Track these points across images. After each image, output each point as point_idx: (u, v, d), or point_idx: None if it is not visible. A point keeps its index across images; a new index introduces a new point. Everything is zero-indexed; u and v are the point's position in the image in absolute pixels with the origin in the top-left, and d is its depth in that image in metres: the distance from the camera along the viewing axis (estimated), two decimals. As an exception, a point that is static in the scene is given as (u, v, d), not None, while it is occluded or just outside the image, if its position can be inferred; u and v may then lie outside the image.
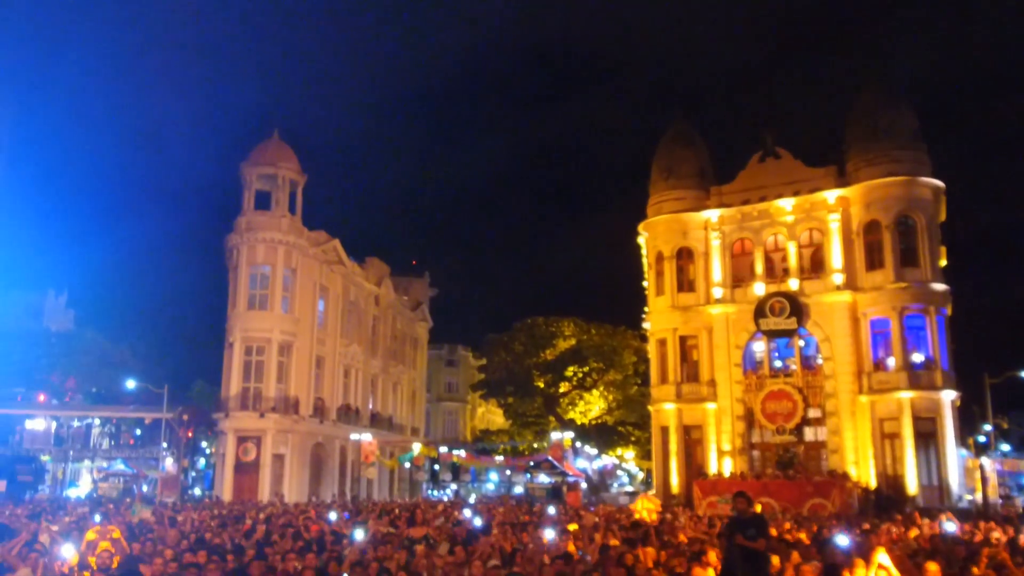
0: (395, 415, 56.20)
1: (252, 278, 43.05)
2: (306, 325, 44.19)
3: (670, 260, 43.44)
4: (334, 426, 46.09)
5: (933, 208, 39.47)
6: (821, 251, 40.79)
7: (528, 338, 61.44)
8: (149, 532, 15.15)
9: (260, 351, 42.44)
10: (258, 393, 41.75)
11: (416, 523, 15.06)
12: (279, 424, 41.73)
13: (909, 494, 35.82)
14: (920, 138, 40.13)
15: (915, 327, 37.99)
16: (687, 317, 42.58)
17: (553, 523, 18.75)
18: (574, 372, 60.07)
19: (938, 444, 36.63)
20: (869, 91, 41.19)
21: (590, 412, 62.08)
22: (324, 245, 46.20)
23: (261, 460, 41.22)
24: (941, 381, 37.07)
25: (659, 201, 44.51)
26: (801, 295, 39.85)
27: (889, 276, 38.29)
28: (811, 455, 39.35)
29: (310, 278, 44.96)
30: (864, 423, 38.03)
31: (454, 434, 74.96)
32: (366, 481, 48.50)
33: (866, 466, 37.55)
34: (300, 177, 45.00)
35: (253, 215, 43.63)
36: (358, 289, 50.95)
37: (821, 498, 33.32)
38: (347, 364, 49.06)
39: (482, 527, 16.24)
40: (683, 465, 41.57)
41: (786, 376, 40.21)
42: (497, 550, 12.12)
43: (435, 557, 11.55)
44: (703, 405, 41.57)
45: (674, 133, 45.67)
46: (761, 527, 9.61)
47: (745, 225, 42.22)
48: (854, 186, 39.78)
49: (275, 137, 45.54)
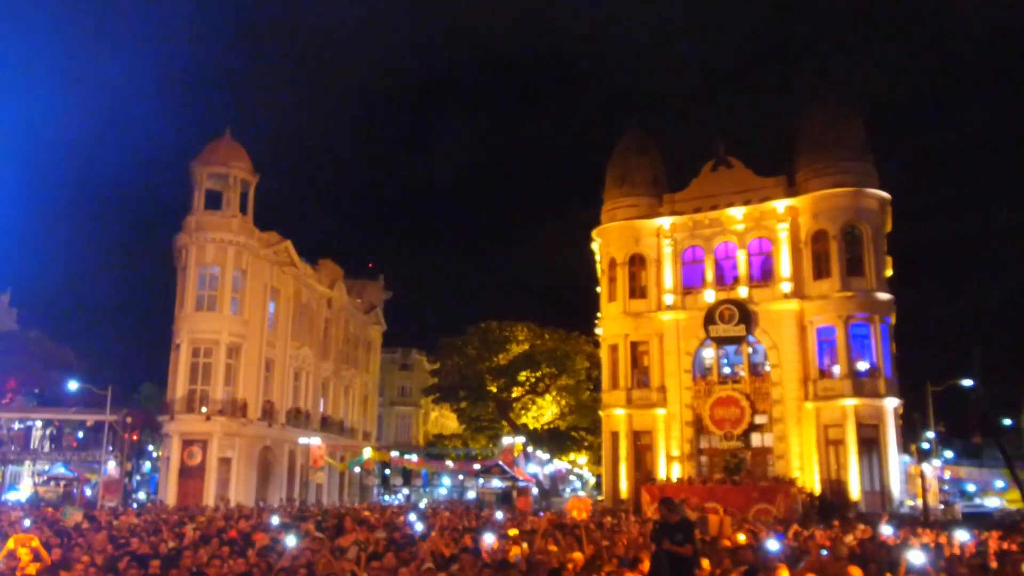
0: (346, 419, 55.66)
1: (201, 279, 42.30)
2: (256, 327, 43.56)
3: (623, 266, 43.74)
4: (283, 430, 45.48)
5: (879, 219, 40.28)
6: (770, 260, 41.39)
7: (482, 342, 61.31)
8: (80, 537, 14.75)
9: (208, 353, 41.72)
10: (205, 396, 41.01)
11: (345, 530, 14.85)
12: (226, 427, 41.06)
13: (852, 499, 36.48)
14: (868, 150, 40.94)
15: (860, 335, 38.73)
16: (639, 323, 42.89)
17: (496, 528, 18.69)
18: (527, 377, 60.09)
19: (881, 451, 37.36)
20: (819, 104, 41.91)
21: (543, 417, 62.16)
22: (276, 246, 45.60)
23: (207, 464, 40.50)
24: (884, 389, 37.83)
25: (613, 208, 44.82)
26: (750, 303, 40.38)
27: (836, 285, 38.97)
28: (758, 461, 39.84)
29: (261, 279, 44.33)
30: (809, 429, 38.62)
31: (407, 438, 74.45)
32: (315, 486, 47.93)
33: (811, 472, 38.14)
34: (252, 177, 44.34)
35: (203, 215, 42.88)
36: (310, 291, 50.40)
37: (766, 503, 33.73)
38: (298, 367, 48.47)
39: (421, 532, 16.10)
40: (632, 470, 41.86)
41: (734, 383, 40.70)
42: (429, 554, 11.99)
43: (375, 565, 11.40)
44: (653, 411, 41.88)
45: (629, 141, 46.03)
46: (688, 532, 9.68)
47: (697, 233, 42.68)
48: (803, 196, 40.43)
49: (227, 136, 44.81)
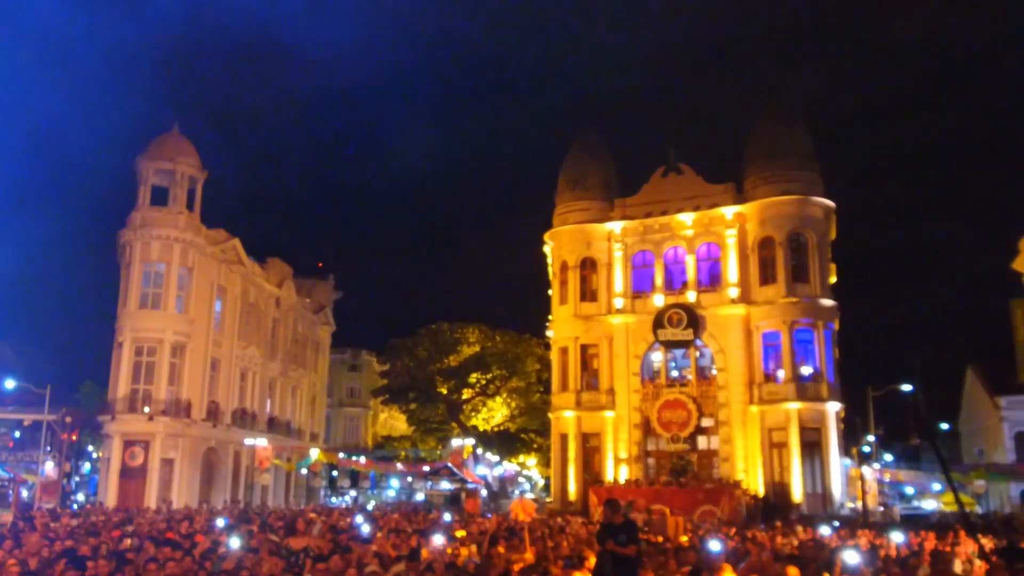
0: (294, 420, 55.01)
1: (145, 276, 41.45)
2: (201, 326, 42.83)
3: (574, 270, 44.00)
4: (228, 430, 44.77)
5: (824, 227, 41.15)
6: (718, 265, 42.02)
7: (432, 344, 61.11)
8: (11, 539, 14.32)
9: (151, 352, 40.92)
10: (148, 395, 40.22)
11: (297, 532, 14.67)
12: (169, 428, 40.30)
13: (794, 501, 37.18)
14: (814, 159, 41.80)
15: (804, 340, 39.51)
16: (589, 326, 43.17)
17: (444, 530, 18.65)
18: (477, 379, 60.09)
19: (822, 454, 38.14)
20: (768, 113, 42.69)
21: (493, 419, 62.21)
22: (223, 244, 44.88)
23: (149, 465, 39.72)
24: (827, 393, 38.63)
25: (565, 211, 45.07)
26: (698, 307, 40.93)
27: (781, 291, 39.71)
28: (704, 463, 40.39)
29: (207, 277, 43.60)
30: (754, 432, 39.28)
31: (355, 440, 73.80)
32: (260, 488, 47.28)
33: (755, 474, 38.78)
34: (200, 173, 43.60)
35: (148, 211, 42.04)
36: (258, 290, 49.71)
37: (711, 505, 34.16)
38: (244, 367, 47.76)
39: (367, 535, 16.02)
40: (581, 472, 42.09)
41: (682, 386, 41.22)
42: (374, 556, 11.93)
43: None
44: (602, 413, 42.19)
45: (582, 145, 46.32)
46: (632, 533, 9.79)
47: (647, 238, 43.15)
48: (751, 203, 41.14)
49: (175, 131, 44.00)
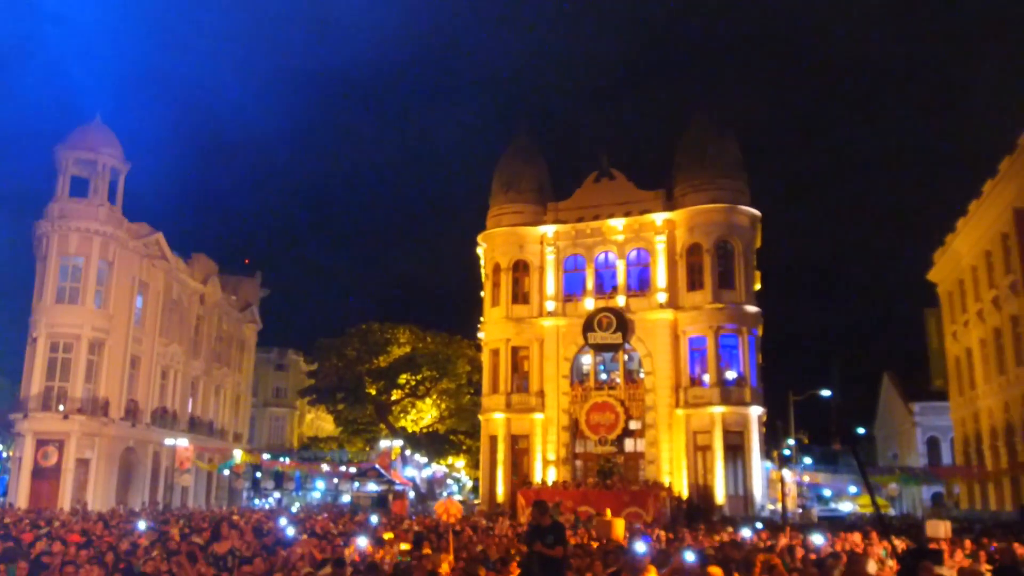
0: (216, 420, 53.77)
1: (63, 269, 40.03)
2: (121, 322, 41.51)
3: (506, 272, 44.10)
4: (148, 430, 43.49)
5: (750, 235, 42.14)
6: (648, 270, 42.59)
7: (362, 344, 60.49)
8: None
9: (68, 348, 39.49)
10: (63, 393, 38.80)
11: (221, 538, 14.31)
12: (85, 427, 38.92)
13: (717, 503, 37.93)
14: (742, 169, 42.71)
15: (729, 346, 40.33)
16: (520, 328, 43.31)
17: (370, 532, 18.49)
18: (407, 380, 59.73)
19: (745, 457, 39.01)
20: (698, 123, 43.45)
21: (422, 420, 61.92)
22: (146, 238, 43.60)
23: (63, 465, 38.29)
24: (750, 397, 39.54)
25: (498, 214, 45.14)
26: (627, 311, 41.44)
27: (708, 297, 40.49)
28: (630, 465, 40.89)
29: (128, 272, 42.29)
30: (679, 435, 39.94)
31: (280, 441, 72.58)
32: (181, 489, 46.06)
33: (680, 476, 39.44)
34: (123, 165, 42.30)
35: (67, 202, 40.61)
36: (182, 286, 48.44)
37: (637, 507, 34.58)
38: (165, 365, 46.47)
39: (292, 538, 15.76)
40: (509, 474, 42.19)
41: (610, 389, 41.64)
42: (300, 558, 11.75)
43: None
44: (531, 415, 42.36)
45: (516, 148, 46.44)
46: (559, 535, 9.84)
47: (579, 242, 43.52)
48: (680, 210, 41.84)
49: (97, 120, 42.61)
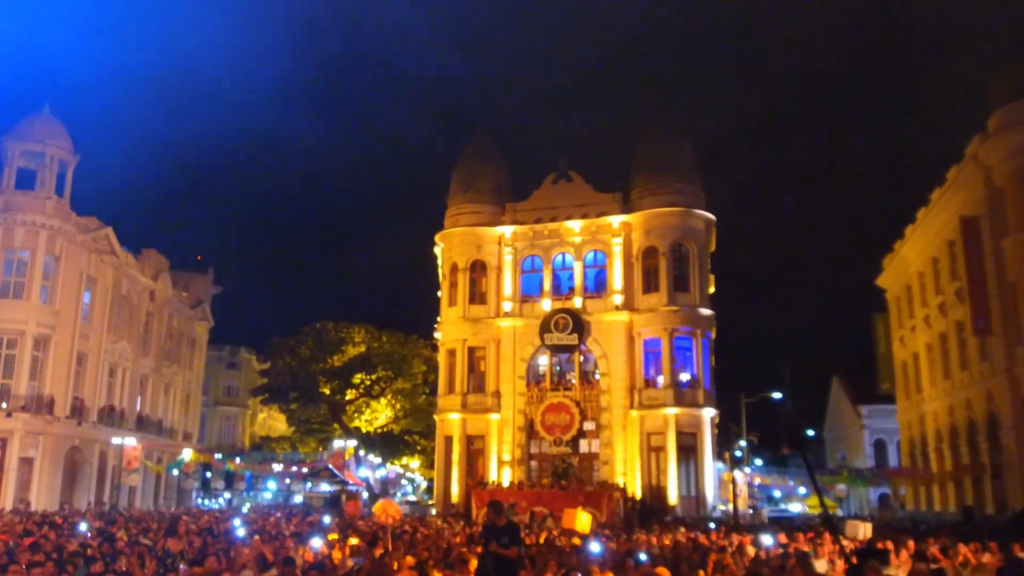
0: (166, 418, 52.75)
1: (7, 263, 38.98)
2: (68, 318, 40.51)
3: (464, 272, 44.04)
4: (94, 428, 42.47)
5: (705, 239, 42.65)
6: (604, 272, 42.88)
7: (316, 343, 59.91)
8: None
9: (11, 344, 38.44)
10: (6, 390, 37.74)
11: (177, 535, 14.12)
12: (29, 425, 37.90)
13: (670, 504, 38.29)
14: (697, 174, 43.27)
15: (683, 348, 40.76)
16: (477, 329, 43.28)
17: (323, 533, 18.29)
18: (362, 379, 59.29)
19: (697, 458, 39.45)
20: (655, 128, 43.90)
21: (376, 420, 61.51)
22: (95, 232, 42.60)
23: (6, 464, 37.21)
24: (703, 399, 40.02)
25: (457, 213, 45.08)
26: (584, 313, 41.67)
27: (663, 299, 40.88)
28: (585, 466, 41.11)
29: (76, 267, 41.29)
30: (634, 436, 40.26)
31: (232, 440, 71.50)
32: (128, 489, 45.11)
33: (634, 477, 39.74)
34: (71, 157, 41.31)
35: (13, 195, 39.54)
36: (131, 282, 47.44)
37: (591, 507, 34.38)
38: (114, 362, 45.48)
39: (242, 538, 15.55)
40: (464, 474, 42.11)
41: (566, 390, 41.83)
42: (251, 559, 11.60)
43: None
44: (487, 416, 42.35)
45: (475, 148, 46.45)
46: (515, 535, 9.85)
47: (536, 243, 43.64)
48: (636, 213, 42.20)
49: (45, 111, 41.53)
